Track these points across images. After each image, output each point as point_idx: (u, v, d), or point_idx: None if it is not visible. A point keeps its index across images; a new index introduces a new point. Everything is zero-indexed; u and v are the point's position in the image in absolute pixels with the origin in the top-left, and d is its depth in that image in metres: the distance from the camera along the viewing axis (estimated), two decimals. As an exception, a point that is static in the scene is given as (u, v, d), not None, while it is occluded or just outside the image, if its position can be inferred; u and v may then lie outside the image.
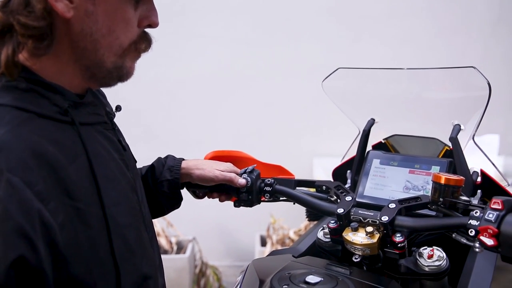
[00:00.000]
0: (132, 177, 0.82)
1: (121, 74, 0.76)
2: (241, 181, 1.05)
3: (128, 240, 0.74)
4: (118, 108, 0.89)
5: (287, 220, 3.04)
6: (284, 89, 3.18)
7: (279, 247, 2.87)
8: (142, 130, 3.21)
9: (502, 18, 3.16)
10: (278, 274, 0.81)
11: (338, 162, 1.22)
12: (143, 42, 0.77)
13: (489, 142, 2.58)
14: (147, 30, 0.78)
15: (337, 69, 1.09)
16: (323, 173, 2.87)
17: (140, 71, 0.78)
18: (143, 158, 1.11)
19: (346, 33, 3.13)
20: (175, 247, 2.99)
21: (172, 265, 2.80)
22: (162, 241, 2.98)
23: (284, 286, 0.76)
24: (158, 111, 3.22)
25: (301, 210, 1.09)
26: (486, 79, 0.86)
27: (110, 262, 0.69)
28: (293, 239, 2.91)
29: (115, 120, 0.87)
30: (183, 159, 1.08)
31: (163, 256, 3.33)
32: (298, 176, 1.19)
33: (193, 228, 3.13)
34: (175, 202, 1.08)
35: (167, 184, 1.03)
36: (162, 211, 1.08)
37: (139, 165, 1.16)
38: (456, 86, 0.99)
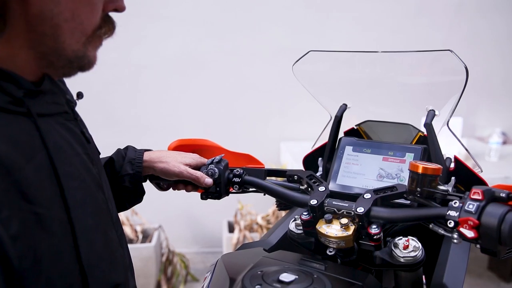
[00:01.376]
0: (98, 173, 0.74)
1: (83, 63, 0.66)
2: (207, 181, 0.99)
3: (96, 244, 0.67)
4: (80, 95, 0.79)
5: (254, 205, 3.01)
6: (250, 73, 3.11)
7: (247, 233, 2.84)
8: (103, 116, 3.07)
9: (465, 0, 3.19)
10: (250, 272, 0.76)
11: (305, 146, 1.17)
12: (106, 27, 0.68)
13: (452, 125, 2.61)
14: (111, 14, 0.69)
15: (308, 52, 1.03)
16: (291, 158, 2.84)
17: (100, 54, 0.70)
18: (105, 146, 1.02)
19: (313, 15, 3.07)
20: (140, 236, 2.90)
21: (138, 255, 2.72)
22: (127, 230, 2.89)
23: (256, 286, 0.71)
24: (120, 95, 3.09)
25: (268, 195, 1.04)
26: (463, 62, 0.83)
27: (76, 271, 0.62)
28: (261, 224, 2.88)
29: (76, 109, 0.78)
30: (145, 151, 1.00)
31: (129, 246, 3.22)
32: (266, 160, 1.13)
33: (159, 215, 3.05)
34: (137, 197, 1.01)
35: (128, 178, 0.96)
36: (123, 206, 1.01)
37: (101, 151, 1.08)
38: (431, 70, 0.95)
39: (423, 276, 0.99)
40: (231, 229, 3.02)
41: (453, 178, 0.97)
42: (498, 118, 3.43)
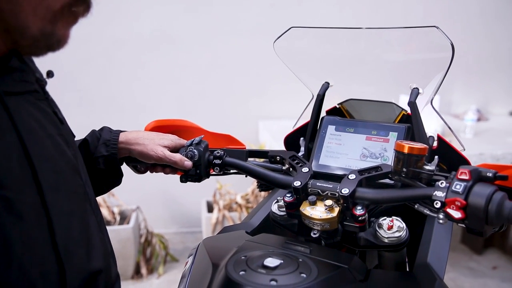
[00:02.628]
0: (73, 155, 0.71)
1: (51, 42, 0.61)
2: (187, 164, 0.96)
3: (73, 230, 0.64)
4: (50, 74, 0.74)
5: (233, 185, 2.99)
6: (228, 50, 3.04)
7: (226, 213, 2.82)
8: (76, 95, 2.97)
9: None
10: (234, 258, 0.74)
11: (284, 125, 1.15)
12: (80, 5, 0.62)
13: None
14: None
15: (289, 28, 0.99)
16: (269, 136, 2.81)
17: (72, 30, 0.64)
18: (78, 127, 0.97)
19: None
20: (118, 218, 2.86)
21: (116, 236, 2.69)
22: (104, 212, 2.83)
23: (241, 273, 0.69)
24: (93, 74, 2.98)
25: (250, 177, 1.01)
26: (449, 39, 0.80)
27: (52, 258, 0.59)
28: (240, 204, 2.87)
29: (47, 88, 0.73)
30: (121, 131, 0.96)
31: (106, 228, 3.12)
32: (244, 140, 1.10)
33: (137, 196, 3.00)
34: (115, 180, 0.97)
35: (103, 160, 0.92)
36: (101, 190, 0.98)
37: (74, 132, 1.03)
38: (416, 47, 0.93)
39: (406, 256, 0.99)
40: (210, 209, 3.00)
41: (436, 157, 0.96)
42: (473, 95, 3.47)
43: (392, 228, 0.85)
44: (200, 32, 2.99)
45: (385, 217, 0.87)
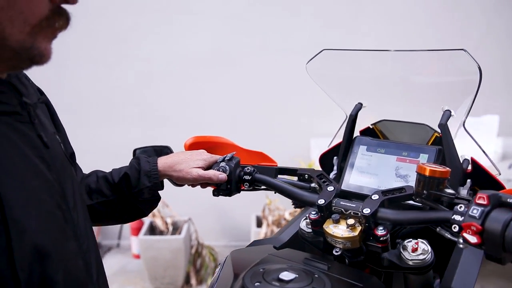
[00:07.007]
0: (56, 179, 0.71)
1: (32, 55, 0.62)
2: (221, 177, 1.01)
3: (42, 247, 0.63)
4: (40, 99, 0.78)
5: (283, 201, 3.01)
6: (281, 67, 3.10)
7: (275, 228, 2.85)
8: (137, 110, 3.16)
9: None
10: (252, 270, 0.77)
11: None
12: (59, 19, 0.63)
13: (489, 123, 2.51)
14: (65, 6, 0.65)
15: (321, 51, 1.03)
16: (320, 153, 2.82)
17: (131, 48, 0.71)
18: (136, 140, 1.06)
19: (345, 9, 3.03)
20: (170, 228, 2.98)
21: (168, 246, 2.80)
22: (158, 222, 2.97)
23: (256, 284, 0.72)
24: (151, 90, 3.16)
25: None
26: (477, 62, 0.80)
27: (8, 274, 0.59)
28: (289, 220, 2.88)
29: (112, 101, 0.74)
30: (157, 159, 1.02)
31: (159, 237, 3.29)
32: (295, 156, 1.14)
33: (189, 208, 3.11)
34: (154, 203, 1.05)
35: (147, 191, 0.98)
36: (142, 214, 1.05)
37: (131, 144, 1.10)
38: (445, 69, 0.93)
39: (438, 280, 0.97)
40: (259, 223, 3.05)
41: (468, 180, 0.95)
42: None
43: (417, 250, 0.85)
44: (254, 50, 3.08)
45: (410, 239, 0.87)
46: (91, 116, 3.18)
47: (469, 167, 0.97)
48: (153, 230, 3.01)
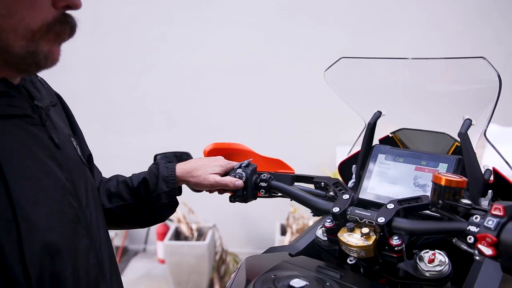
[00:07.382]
0: (68, 178, 0.73)
1: (38, 59, 0.64)
2: (237, 183, 1.02)
3: (52, 244, 0.65)
4: (52, 102, 0.80)
5: (307, 209, 2.99)
6: (307, 75, 3.10)
7: (299, 237, 2.84)
8: (164, 117, 3.22)
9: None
10: (264, 276, 0.78)
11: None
12: (63, 25, 0.65)
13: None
14: (69, 12, 0.67)
15: (340, 59, 1.02)
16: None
17: (161, 58, 0.72)
18: (164, 146, 1.08)
19: (371, 17, 3.00)
20: (195, 234, 3.00)
21: (192, 252, 2.82)
22: (183, 227, 3.00)
23: (266, 290, 0.72)
24: (180, 98, 3.22)
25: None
26: (496, 70, 0.78)
27: (20, 271, 0.60)
28: (313, 229, 2.86)
29: (140, 108, 0.75)
30: (175, 165, 1.04)
31: (183, 243, 3.30)
32: (321, 164, 1.13)
33: (214, 215, 3.13)
34: (172, 208, 1.06)
35: (165, 196, 1.00)
36: (160, 219, 1.06)
37: (159, 150, 1.13)
38: (465, 78, 0.91)
39: None
40: (283, 231, 3.04)
41: (490, 191, 0.92)
42: None
43: (434, 261, 0.83)
44: (281, 59, 3.10)
45: (427, 250, 0.85)
46: (123, 123, 3.27)
47: (491, 178, 0.95)
48: (178, 235, 3.04)
